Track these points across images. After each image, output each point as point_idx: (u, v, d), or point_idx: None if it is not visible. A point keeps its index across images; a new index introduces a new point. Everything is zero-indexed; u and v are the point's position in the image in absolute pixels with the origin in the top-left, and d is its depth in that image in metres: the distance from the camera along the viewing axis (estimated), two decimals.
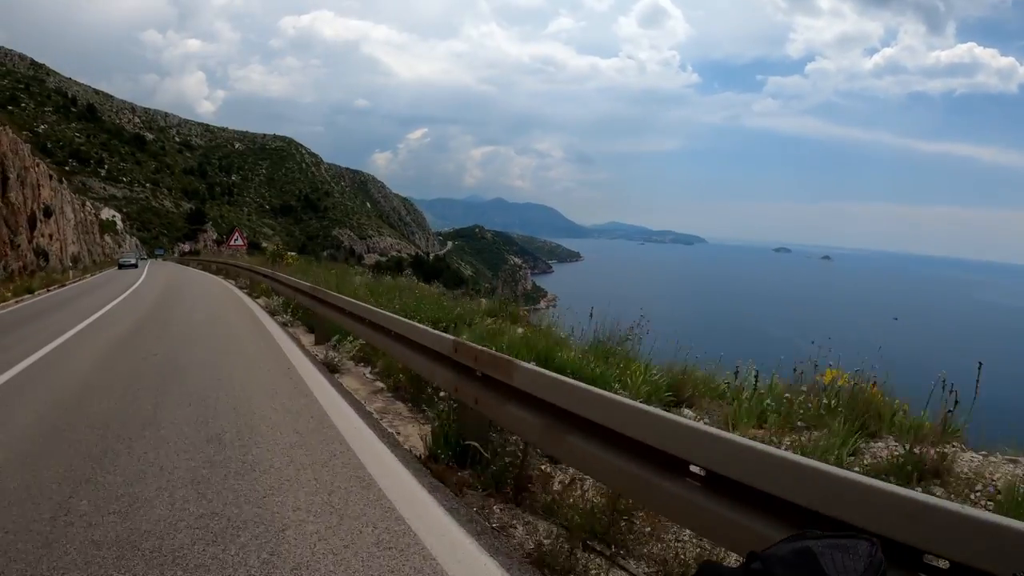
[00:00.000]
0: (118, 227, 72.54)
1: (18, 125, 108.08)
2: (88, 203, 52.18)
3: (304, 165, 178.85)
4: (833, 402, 4.13)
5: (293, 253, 28.27)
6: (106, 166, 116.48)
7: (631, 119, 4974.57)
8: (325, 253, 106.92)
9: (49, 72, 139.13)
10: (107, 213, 75.45)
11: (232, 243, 30.03)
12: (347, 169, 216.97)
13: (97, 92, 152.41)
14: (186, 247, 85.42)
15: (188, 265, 43.65)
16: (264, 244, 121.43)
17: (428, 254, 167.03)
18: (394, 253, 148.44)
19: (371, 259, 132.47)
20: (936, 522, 1.41)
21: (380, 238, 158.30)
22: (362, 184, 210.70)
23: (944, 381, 3.58)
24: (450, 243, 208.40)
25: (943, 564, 1.43)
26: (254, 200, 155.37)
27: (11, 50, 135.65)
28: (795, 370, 4.62)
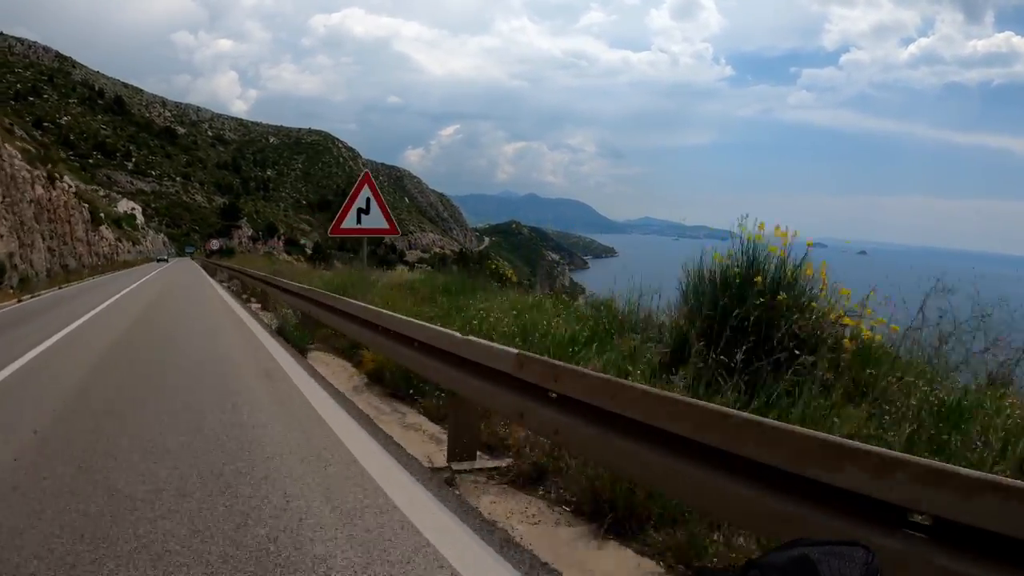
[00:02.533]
0: (138, 221, 62.68)
1: (38, 116, 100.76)
2: (67, 180, 40.13)
3: (341, 159, 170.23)
4: None
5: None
6: (133, 159, 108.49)
7: (663, 113, 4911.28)
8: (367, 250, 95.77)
9: (75, 64, 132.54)
10: (125, 205, 65.87)
11: (353, 224, 8.50)
12: (382, 165, 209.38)
13: (126, 86, 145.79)
14: (213, 244, 68.76)
15: (215, 274, 28.30)
16: (303, 240, 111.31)
17: (471, 250, 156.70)
18: (437, 249, 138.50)
19: (413, 255, 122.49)
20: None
21: (422, 234, 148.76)
22: (398, 180, 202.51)
23: None
24: (487, 239, 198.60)
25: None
26: (290, 195, 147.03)
27: (35, 42, 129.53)
28: None
